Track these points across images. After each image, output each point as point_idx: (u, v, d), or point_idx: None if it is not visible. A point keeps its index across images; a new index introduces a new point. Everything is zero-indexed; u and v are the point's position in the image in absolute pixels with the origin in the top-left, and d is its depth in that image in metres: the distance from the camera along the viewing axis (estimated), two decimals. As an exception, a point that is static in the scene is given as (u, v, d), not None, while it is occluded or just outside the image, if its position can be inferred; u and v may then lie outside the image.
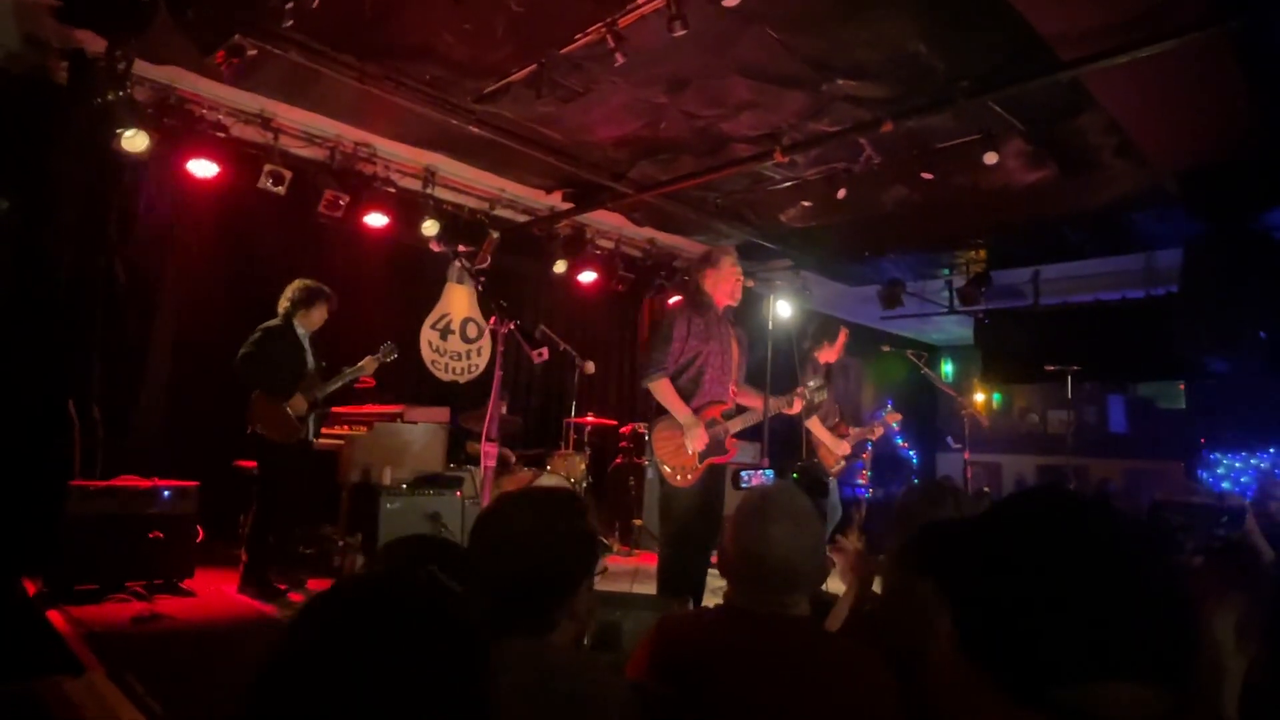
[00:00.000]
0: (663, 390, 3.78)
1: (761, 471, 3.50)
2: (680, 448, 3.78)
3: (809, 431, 5.10)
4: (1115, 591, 0.65)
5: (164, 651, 3.49)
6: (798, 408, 4.23)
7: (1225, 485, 8.36)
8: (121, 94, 4.57)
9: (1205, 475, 8.56)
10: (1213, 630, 1.18)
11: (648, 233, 7.91)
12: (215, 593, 4.50)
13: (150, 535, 4.33)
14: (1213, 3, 3.46)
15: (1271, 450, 8.46)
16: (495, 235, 6.78)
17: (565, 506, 1.35)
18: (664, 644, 1.50)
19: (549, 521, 1.31)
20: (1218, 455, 8.75)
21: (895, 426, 5.78)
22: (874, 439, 5.45)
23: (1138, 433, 10.72)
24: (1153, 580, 0.67)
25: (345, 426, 5.69)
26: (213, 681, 2.99)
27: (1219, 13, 3.49)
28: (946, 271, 8.36)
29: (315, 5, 3.62)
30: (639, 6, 3.95)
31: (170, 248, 5.64)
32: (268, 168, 5.45)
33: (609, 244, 7.79)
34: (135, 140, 4.75)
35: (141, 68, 4.84)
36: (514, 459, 6.74)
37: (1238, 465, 8.36)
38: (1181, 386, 10.21)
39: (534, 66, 4.59)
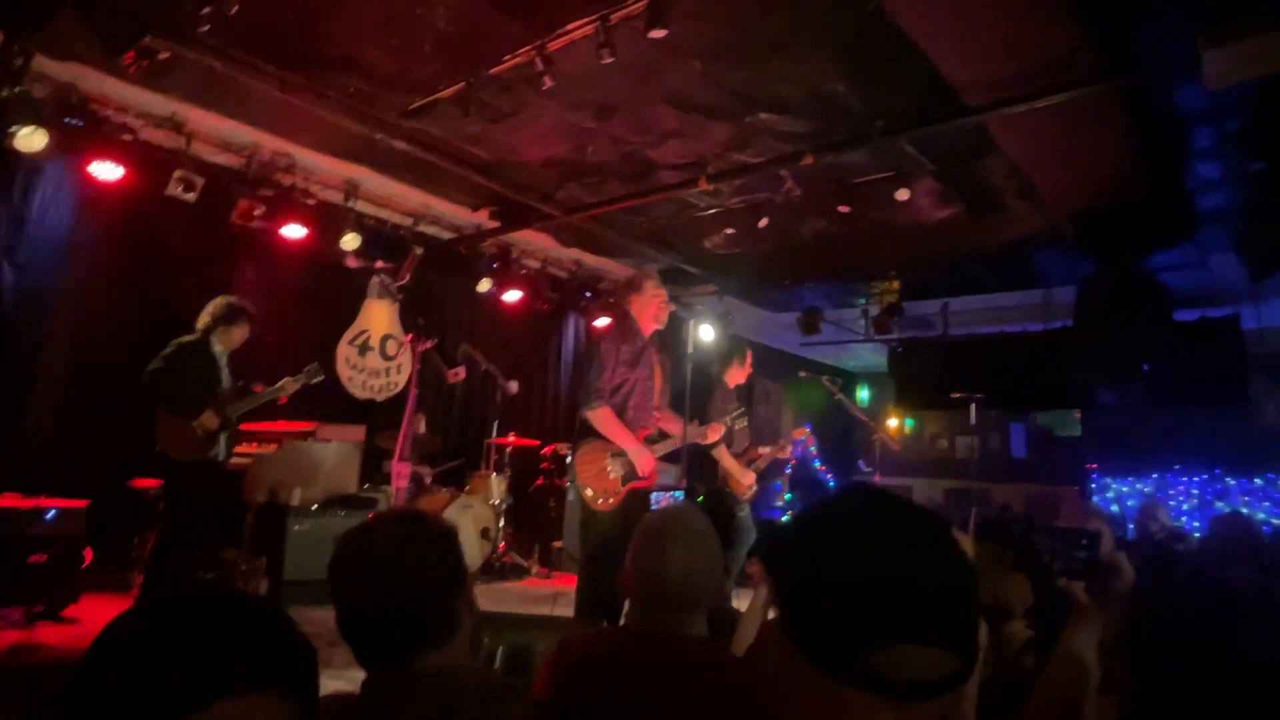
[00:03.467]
0: (604, 419, 3.76)
1: (671, 495, 3.54)
2: (602, 471, 3.78)
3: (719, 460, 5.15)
4: (901, 571, 0.75)
5: (41, 684, 3.26)
6: (712, 437, 4.28)
7: (1114, 509, 8.89)
8: (17, 90, 4.31)
9: (1096, 499, 9.08)
10: (1075, 646, 1.26)
11: (574, 254, 7.93)
12: (103, 620, 4.21)
13: (30, 559, 4.05)
14: (1102, 62, 3.74)
15: (1155, 476, 9.05)
16: (419, 251, 6.67)
17: (411, 522, 1.34)
18: (564, 665, 1.51)
19: (407, 539, 1.29)
20: (1107, 480, 9.31)
21: (808, 439, 5.87)
22: (785, 456, 5.52)
23: (1037, 458, 11.29)
24: (932, 560, 0.76)
25: (253, 444, 5.46)
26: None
27: (1107, 71, 3.78)
28: (863, 301, 8.67)
29: (233, 11, 3.51)
30: (568, 32, 3.99)
31: (68, 253, 5.32)
32: (178, 173, 5.23)
33: (535, 264, 7.76)
34: (32, 139, 4.49)
35: (42, 63, 4.58)
36: (429, 479, 6.61)
37: (1125, 490, 8.91)
38: (1077, 415, 10.83)
39: (462, 85, 4.58)
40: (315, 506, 5.13)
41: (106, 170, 5.00)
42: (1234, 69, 3.26)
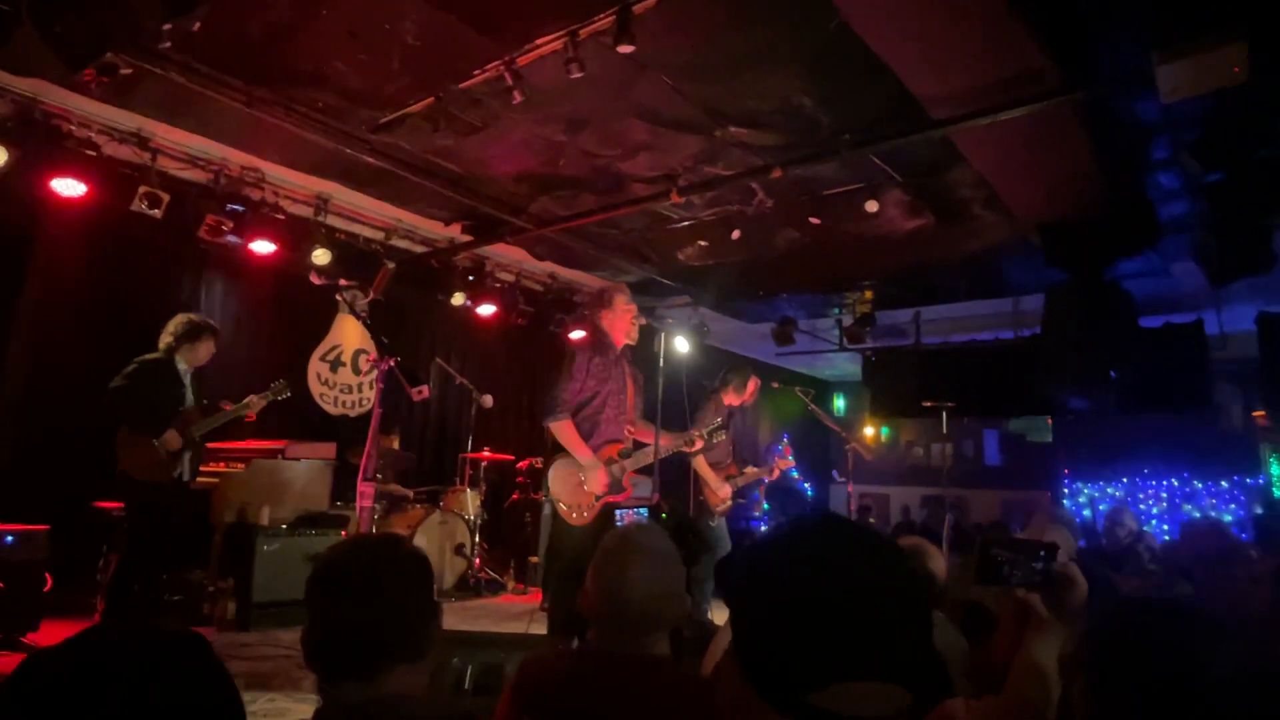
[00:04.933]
0: (564, 431, 3.76)
1: (635, 511, 3.53)
2: (577, 486, 3.76)
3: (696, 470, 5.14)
4: (849, 607, 0.72)
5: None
6: (698, 446, 4.27)
7: (1086, 513, 9.01)
8: (-25, 106, 4.24)
9: (1068, 504, 9.20)
10: (1036, 656, 1.28)
11: (548, 267, 7.92)
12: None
13: (-11, 585, 3.95)
14: (1062, 77, 3.81)
15: (1125, 480, 9.19)
16: (390, 266, 6.63)
17: (396, 543, 1.41)
18: (526, 686, 1.50)
19: (394, 557, 1.34)
20: (1079, 485, 9.44)
21: (790, 460, 5.88)
22: (769, 479, 5.51)
23: (1010, 464, 11.44)
24: (882, 595, 0.73)
25: (221, 463, 5.37)
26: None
27: (1067, 86, 3.85)
28: (836, 311, 8.73)
29: (196, 28, 3.47)
30: (537, 47, 4.00)
31: (26, 270, 5.23)
32: (143, 189, 5.15)
33: (509, 277, 7.74)
34: (-9, 155, 4.42)
35: (3, 78, 4.52)
36: (410, 496, 6.55)
37: (1096, 495, 9.03)
38: (1049, 421, 10.99)
39: (431, 99, 4.56)
40: (285, 526, 5.05)
41: (69, 187, 4.92)
42: (1185, 83, 3.34)
